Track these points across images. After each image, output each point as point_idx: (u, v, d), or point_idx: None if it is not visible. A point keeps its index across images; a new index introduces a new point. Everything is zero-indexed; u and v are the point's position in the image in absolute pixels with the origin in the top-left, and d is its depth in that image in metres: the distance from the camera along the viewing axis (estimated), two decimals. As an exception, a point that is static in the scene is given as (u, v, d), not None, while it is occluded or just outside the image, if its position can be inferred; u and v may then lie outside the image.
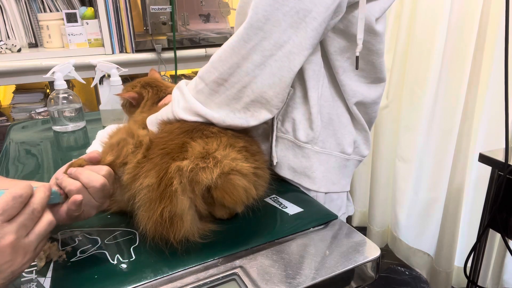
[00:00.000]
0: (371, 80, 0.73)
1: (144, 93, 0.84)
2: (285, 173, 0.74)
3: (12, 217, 0.42)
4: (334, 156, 0.73)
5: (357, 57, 0.65)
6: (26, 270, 0.52)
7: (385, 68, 0.73)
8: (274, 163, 0.74)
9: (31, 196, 0.45)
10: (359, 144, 0.77)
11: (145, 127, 0.69)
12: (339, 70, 0.68)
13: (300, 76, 0.68)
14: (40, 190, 0.46)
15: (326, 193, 0.74)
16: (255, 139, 0.68)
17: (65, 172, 0.55)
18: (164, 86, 0.86)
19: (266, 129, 0.76)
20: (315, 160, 0.72)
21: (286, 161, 0.74)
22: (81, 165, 0.56)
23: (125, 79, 1.21)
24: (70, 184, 0.52)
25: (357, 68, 0.67)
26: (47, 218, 0.46)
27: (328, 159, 0.73)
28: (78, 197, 0.50)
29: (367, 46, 0.67)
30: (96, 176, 0.53)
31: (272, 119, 0.73)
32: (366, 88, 0.72)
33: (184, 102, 0.63)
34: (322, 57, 0.68)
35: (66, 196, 0.53)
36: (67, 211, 0.52)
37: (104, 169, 0.55)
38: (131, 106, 0.86)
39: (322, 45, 0.67)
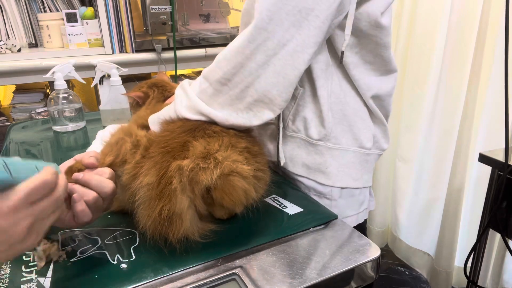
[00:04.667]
0: (381, 73, 0.73)
1: (150, 92, 0.86)
2: (299, 170, 0.75)
3: (35, 201, 0.43)
4: (353, 152, 0.74)
5: (342, 52, 0.66)
6: (26, 270, 0.52)
7: (393, 59, 0.73)
8: (282, 164, 0.75)
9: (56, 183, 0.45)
10: (378, 138, 0.77)
11: (146, 124, 0.69)
12: (350, 65, 0.69)
13: (309, 76, 0.69)
14: (63, 178, 0.47)
15: (343, 188, 0.74)
16: (257, 139, 0.68)
17: (66, 177, 0.55)
18: (170, 87, 0.87)
19: (275, 130, 0.76)
20: (328, 156, 0.72)
21: (300, 159, 0.74)
22: (80, 169, 0.56)
23: (125, 79, 1.21)
24: (87, 194, 0.52)
25: (340, 62, 0.67)
26: (62, 207, 0.47)
27: (343, 154, 0.73)
28: (78, 208, 0.51)
29: (374, 40, 0.68)
30: (105, 181, 0.53)
31: (278, 120, 0.74)
32: (378, 81, 0.73)
33: (187, 101, 0.63)
34: (331, 54, 0.69)
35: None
36: (78, 219, 0.52)
37: (107, 172, 0.55)
38: (137, 105, 0.88)
39: (331, 43, 0.68)
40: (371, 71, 0.72)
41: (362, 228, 0.83)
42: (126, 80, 1.86)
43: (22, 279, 0.51)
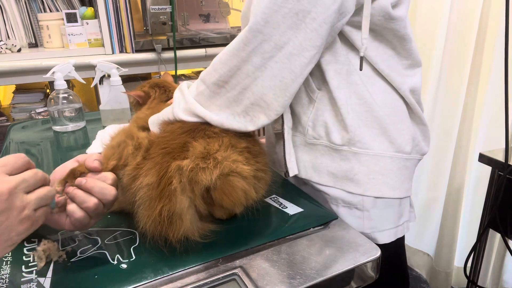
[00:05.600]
0: (406, 66, 0.70)
1: (151, 92, 0.86)
2: (325, 180, 0.71)
3: (13, 174, 0.44)
4: (389, 158, 0.68)
5: (361, 58, 0.63)
6: (26, 270, 0.52)
7: (417, 53, 0.70)
8: (291, 175, 0.71)
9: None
10: (418, 140, 0.72)
11: (146, 125, 0.69)
12: (377, 59, 0.66)
13: (322, 78, 0.67)
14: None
15: (377, 197, 0.69)
16: (257, 139, 0.68)
17: (69, 180, 0.55)
18: (173, 88, 0.87)
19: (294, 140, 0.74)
20: (355, 161, 0.68)
21: (325, 167, 0.70)
22: (83, 173, 0.56)
23: (125, 79, 1.21)
24: (88, 201, 0.52)
25: (361, 69, 0.65)
26: (49, 187, 0.48)
27: (375, 160, 0.68)
28: (77, 214, 0.52)
29: (392, 33, 0.66)
30: (108, 188, 0.54)
31: (282, 128, 0.70)
32: (408, 73, 0.70)
33: (185, 103, 0.63)
34: (353, 53, 0.66)
35: (63, 204, 0.53)
36: (73, 224, 0.53)
37: (110, 177, 0.55)
38: (138, 104, 0.88)
39: (349, 42, 0.65)
40: (399, 64, 0.68)
41: (400, 244, 0.77)
42: (128, 80, 1.86)
43: (22, 279, 0.50)
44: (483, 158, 1.09)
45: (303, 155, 0.73)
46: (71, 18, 1.74)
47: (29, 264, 0.53)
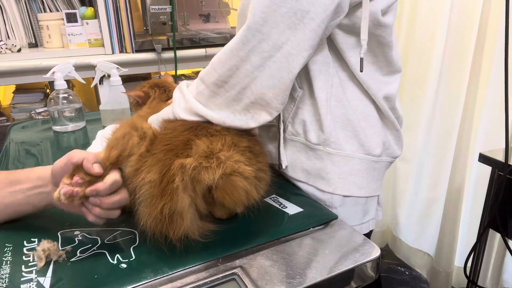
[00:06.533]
0: (385, 73, 0.71)
1: (151, 92, 0.86)
2: (299, 175, 0.73)
3: None
4: (358, 159, 0.71)
5: (361, 59, 0.64)
6: (25, 270, 0.52)
7: (398, 60, 0.71)
8: (283, 167, 0.73)
9: None
10: (390, 144, 0.75)
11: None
12: (356, 66, 0.67)
13: (307, 77, 0.68)
14: None
15: (345, 196, 0.71)
16: (258, 138, 0.68)
17: (76, 173, 0.55)
18: (172, 88, 0.88)
19: (276, 132, 0.75)
20: (328, 161, 0.70)
21: (299, 163, 0.73)
22: (83, 178, 0.54)
23: (125, 79, 1.21)
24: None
25: (361, 70, 0.65)
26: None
27: (346, 161, 0.70)
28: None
29: (377, 39, 0.66)
30: (113, 213, 0.56)
31: (279, 122, 0.72)
32: (385, 80, 0.71)
33: (185, 103, 0.63)
34: (335, 57, 0.67)
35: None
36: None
37: (122, 191, 0.56)
38: (137, 105, 0.88)
39: (333, 44, 0.66)
40: (377, 72, 0.70)
41: None
42: (128, 80, 1.86)
43: (22, 279, 0.50)
44: (483, 158, 1.09)
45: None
46: (71, 18, 1.74)
47: (29, 264, 0.53)
